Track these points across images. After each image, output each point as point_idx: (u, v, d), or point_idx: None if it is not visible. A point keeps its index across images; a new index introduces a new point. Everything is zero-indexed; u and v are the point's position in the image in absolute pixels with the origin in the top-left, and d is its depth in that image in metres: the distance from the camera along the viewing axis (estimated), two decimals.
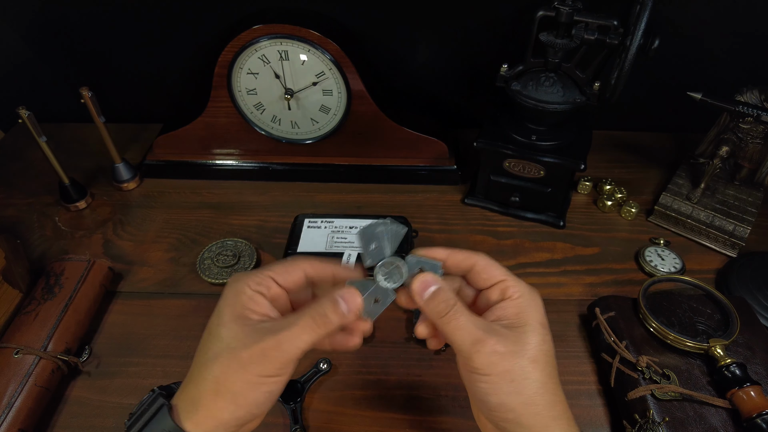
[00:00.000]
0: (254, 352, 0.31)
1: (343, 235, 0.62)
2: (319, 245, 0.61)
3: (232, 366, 0.31)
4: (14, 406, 0.47)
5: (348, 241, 0.62)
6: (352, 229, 0.63)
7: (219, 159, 0.77)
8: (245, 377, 0.31)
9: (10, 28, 0.77)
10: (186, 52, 0.78)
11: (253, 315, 0.33)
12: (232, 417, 0.31)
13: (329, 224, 0.64)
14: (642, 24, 0.51)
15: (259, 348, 0.31)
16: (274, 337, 0.31)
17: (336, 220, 0.64)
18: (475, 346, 0.32)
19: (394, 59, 0.77)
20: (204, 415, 0.31)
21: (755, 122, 0.63)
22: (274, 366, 0.31)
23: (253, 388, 0.31)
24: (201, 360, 0.32)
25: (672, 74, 0.75)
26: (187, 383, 0.33)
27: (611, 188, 0.73)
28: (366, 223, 0.58)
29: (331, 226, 0.63)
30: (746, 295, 0.57)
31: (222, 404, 0.31)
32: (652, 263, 0.63)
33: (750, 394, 0.45)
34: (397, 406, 0.51)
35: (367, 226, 0.38)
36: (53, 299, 0.55)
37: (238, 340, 0.32)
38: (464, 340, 0.33)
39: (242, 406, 0.31)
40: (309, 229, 0.63)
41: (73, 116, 0.84)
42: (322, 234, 0.63)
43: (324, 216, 0.65)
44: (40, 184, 0.76)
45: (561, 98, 0.60)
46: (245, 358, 0.31)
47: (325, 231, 0.63)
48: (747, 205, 0.67)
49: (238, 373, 0.31)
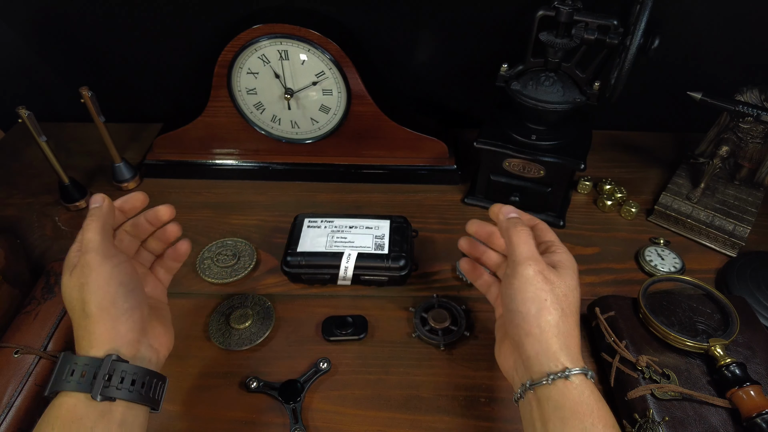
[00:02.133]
0: (79, 265, 0.38)
1: (343, 235, 0.61)
2: (319, 245, 0.60)
3: (76, 284, 0.38)
4: (14, 406, 0.47)
5: (348, 240, 0.60)
6: (352, 229, 0.61)
7: (219, 159, 0.77)
8: (88, 280, 0.38)
9: (10, 27, 0.77)
10: (186, 52, 0.78)
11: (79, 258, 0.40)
12: (111, 323, 0.37)
13: (329, 224, 0.62)
14: (642, 24, 0.51)
15: (81, 260, 0.38)
16: (76, 246, 0.40)
17: (336, 219, 0.63)
18: (531, 259, 0.40)
19: (394, 59, 0.77)
20: (97, 335, 0.37)
21: (755, 122, 0.63)
22: (90, 258, 0.38)
23: (96, 291, 0.37)
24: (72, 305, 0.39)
25: (672, 74, 0.75)
26: (75, 326, 0.39)
27: (611, 188, 0.73)
28: (367, 222, 0.61)
29: (331, 226, 0.62)
30: (746, 295, 0.57)
31: (98, 317, 0.37)
32: (652, 263, 0.63)
33: (750, 394, 0.45)
34: (397, 406, 0.51)
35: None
36: (53, 299, 0.55)
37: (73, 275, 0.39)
38: (525, 251, 0.40)
39: (111, 314, 0.37)
40: (309, 228, 0.62)
41: (73, 116, 0.84)
42: (322, 233, 0.61)
43: (324, 216, 0.63)
44: (40, 184, 0.76)
45: (561, 98, 0.60)
46: (77, 273, 0.38)
47: (325, 231, 0.61)
48: (747, 205, 0.67)
49: (85, 283, 0.38)
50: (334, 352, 0.55)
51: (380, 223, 0.62)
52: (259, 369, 0.53)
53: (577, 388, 0.36)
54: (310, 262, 0.59)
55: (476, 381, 0.52)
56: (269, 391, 0.51)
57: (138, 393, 0.37)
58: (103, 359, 0.36)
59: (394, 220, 0.62)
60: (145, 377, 0.38)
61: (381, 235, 0.60)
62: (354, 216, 0.63)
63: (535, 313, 0.38)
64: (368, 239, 0.60)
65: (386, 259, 0.58)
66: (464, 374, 0.53)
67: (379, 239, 0.60)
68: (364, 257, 0.58)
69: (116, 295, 0.38)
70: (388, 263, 0.58)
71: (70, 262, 0.40)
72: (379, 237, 0.60)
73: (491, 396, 0.51)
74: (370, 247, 0.59)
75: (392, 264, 0.58)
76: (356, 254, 0.58)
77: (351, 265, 0.58)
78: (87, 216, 0.41)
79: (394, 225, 0.62)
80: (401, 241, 0.60)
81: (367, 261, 0.58)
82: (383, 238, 0.60)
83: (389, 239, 0.60)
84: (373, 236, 0.60)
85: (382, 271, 0.58)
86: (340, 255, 0.58)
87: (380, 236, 0.60)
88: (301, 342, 0.56)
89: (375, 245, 0.59)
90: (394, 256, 0.59)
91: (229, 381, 0.53)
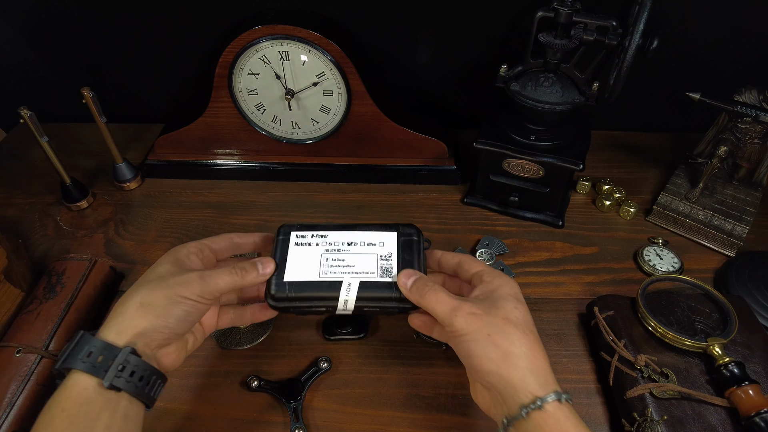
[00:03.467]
0: (180, 278, 0.40)
1: (340, 256, 0.47)
2: (311, 271, 0.46)
3: (159, 285, 0.39)
4: (16, 405, 0.48)
5: (346, 264, 0.46)
6: (351, 247, 0.48)
7: (220, 159, 0.77)
8: (168, 293, 0.39)
9: (11, 28, 0.77)
10: (187, 53, 0.78)
11: (184, 265, 0.42)
12: (150, 326, 0.38)
13: (322, 240, 0.48)
14: (641, 24, 0.51)
15: (185, 277, 0.40)
16: (199, 273, 0.41)
17: (330, 233, 0.48)
18: (454, 311, 0.39)
19: (394, 59, 0.77)
20: (126, 325, 0.38)
21: (753, 122, 0.63)
22: (194, 291, 0.39)
23: (173, 304, 0.39)
24: (130, 290, 0.40)
25: (670, 74, 0.76)
26: (114, 311, 0.39)
27: (610, 188, 0.73)
28: (368, 236, 0.49)
29: (324, 243, 0.48)
30: (744, 295, 0.57)
31: (143, 314, 0.38)
32: (651, 263, 0.63)
33: (748, 393, 0.45)
34: (397, 405, 0.51)
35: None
36: (55, 298, 0.55)
37: (169, 273, 0.41)
38: (444, 309, 0.40)
39: (160, 316, 0.38)
40: (297, 247, 0.47)
41: (74, 116, 0.84)
42: (314, 254, 0.47)
43: (315, 228, 0.49)
44: (42, 184, 0.77)
45: (560, 98, 0.61)
46: (171, 281, 0.39)
47: (317, 250, 0.47)
48: (745, 205, 0.67)
49: (162, 290, 0.39)
50: (334, 351, 0.55)
51: (385, 236, 0.48)
52: (260, 368, 0.54)
53: (552, 417, 0.34)
54: (301, 294, 0.45)
55: None
56: (270, 390, 0.51)
57: (142, 389, 0.37)
58: (122, 349, 0.37)
59: (401, 232, 0.49)
60: (151, 376, 0.38)
61: (387, 255, 0.47)
62: (352, 227, 0.49)
63: (488, 354, 0.37)
64: (371, 261, 0.47)
65: (395, 288, 0.45)
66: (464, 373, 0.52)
67: (385, 261, 0.47)
68: (368, 287, 0.45)
69: (173, 317, 0.39)
70: (398, 293, 0.45)
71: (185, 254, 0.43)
72: (384, 258, 0.47)
73: None
74: (375, 273, 0.46)
75: (402, 294, 0.45)
76: (358, 283, 0.45)
77: (352, 297, 0.45)
78: (244, 267, 0.43)
79: (402, 239, 0.48)
80: (411, 260, 0.47)
81: (371, 291, 0.45)
82: (390, 259, 0.47)
83: (397, 259, 0.47)
84: (378, 256, 0.47)
85: (389, 303, 0.46)
86: (338, 285, 0.45)
87: (386, 256, 0.47)
88: (301, 341, 0.56)
89: (380, 270, 0.46)
90: None
91: (229, 380, 0.53)
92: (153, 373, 0.38)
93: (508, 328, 0.37)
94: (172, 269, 0.41)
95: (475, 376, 0.40)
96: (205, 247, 0.45)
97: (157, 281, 0.40)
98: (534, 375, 0.36)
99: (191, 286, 0.40)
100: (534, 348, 0.37)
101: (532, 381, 0.35)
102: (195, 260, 0.44)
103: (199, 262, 0.44)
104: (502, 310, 0.39)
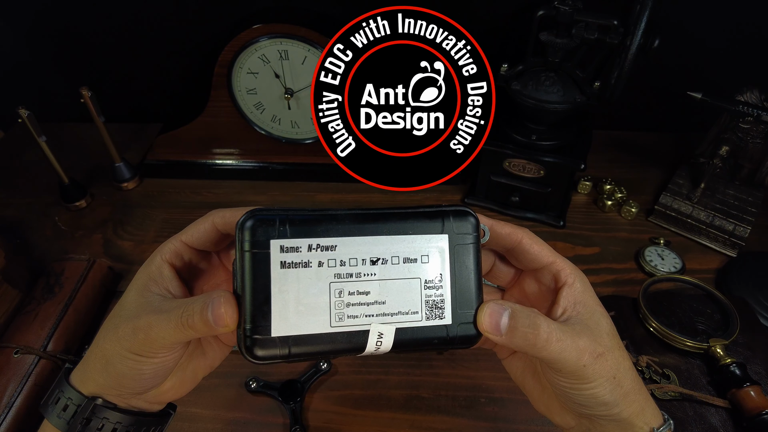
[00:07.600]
0: (128, 328, 0.30)
1: (362, 287, 0.28)
2: (316, 316, 0.27)
3: (110, 335, 0.31)
4: (14, 406, 0.47)
5: (373, 301, 0.28)
6: (378, 266, 0.28)
7: (219, 158, 0.77)
8: (116, 348, 0.30)
9: (10, 28, 0.77)
10: (186, 52, 0.78)
11: (154, 288, 0.32)
12: (106, 383, 0.31)
13: (328, 256, 0.28)
14: (642, 24, 0.51)
15: (132, 326, 0.30)
16: (148, 319, 0.30)
17: (341, 241, 0.28)
18: (581, 360, 0.29)
19: None
20: (87, 377, 0.32)
21: (755, 122, 0.63)
22: (140, 347, 0.30)
23: (121, 361, 0.30)
24: (103, 325, 0.33)
25: (672, 74, 0.75)
26: (90, 349, 0.33)
27: (611, 188, 0.73)
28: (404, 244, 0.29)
29: (333, 262, 0.28)
30: (746, 295, 0.57)
31: (99, 368, 0.31)
32: (652, 263, 0.63)
33: (750, 394, 0.45)
34: (397, 406, 0.51)
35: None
36: (53, 299, 0.55)
37: (129, 311, 0.31)
38: (569, 359, 0.29)
39: (111, 375, 0.31)
40: (286, 271, 0.27)
41: (72, 116, 0.84)
42: (317, 283, 0.27)
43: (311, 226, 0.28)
44: (40, 184, 0.76)
45: (561, 98, 0.60)
46: (120, 332, 0.30)
47: (321, 275, 0.28)
48: (747, 205, 0.66)
49: (112, 343, 0.31)
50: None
51: (429, 242, 0.29)
52: (259, 369, 0.53)
53: None
54: (305, 350, 0.28)
55: (476, 381, 0.52)
56: (269, 392, 0.51)
57: None
58: (96, 404, 0.31)
59: (453, 230, 0.29)
60: (132, 426, 0.32)
61: (435, 279, 0.29)
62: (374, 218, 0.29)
63: (615, 399, 0.30)
64: (412, 291, 0.28)
65: (450, 329, 0.29)
66: (464, 374, 0.53)
67: (433, 288, 0.29)
68: (408, 334, 0.28)
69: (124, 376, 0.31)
70: (454, 333, 0.29)
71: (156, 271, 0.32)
72: (431, 285, 0.29)
73: (491, 396, 0.51)
74: (418, 312, 0.28)
75: (459, 333, 0.29)
76: (393, 331, 0.28)
77: (385, 347, 0.29)
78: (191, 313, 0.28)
79: (456, 246, 0.29)
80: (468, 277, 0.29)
81: (413, 338, 0.28)
82: (440, 284, 0.29)
83: (451, 282, 0.29)
84: (422, 283, 0.29)
85: (439, 346, 0.29)
86: (362, 335, 0.28)
87: (433, 281, 0.29)
88: None
89: (426, 306, 0.29)
90: (463, 321, 0.29)
91: (229, 381, 0.53)
92: (134, 423, 0.33)
93: (625, 360, 0.31)
94: (134, 303, 0.31)
95: (579, 411, 0.32)
96: (182, 248, 0.32)
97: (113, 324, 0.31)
98: (648, 401, 0.32)
99: (137, 341, 0.30)
100: (632, 368, 0.31)
101: (648, 409, 0.32)
102: (166, 276, 0.32)
103: (170, 277, 0.32)
104: (615, 338, 0.31)
